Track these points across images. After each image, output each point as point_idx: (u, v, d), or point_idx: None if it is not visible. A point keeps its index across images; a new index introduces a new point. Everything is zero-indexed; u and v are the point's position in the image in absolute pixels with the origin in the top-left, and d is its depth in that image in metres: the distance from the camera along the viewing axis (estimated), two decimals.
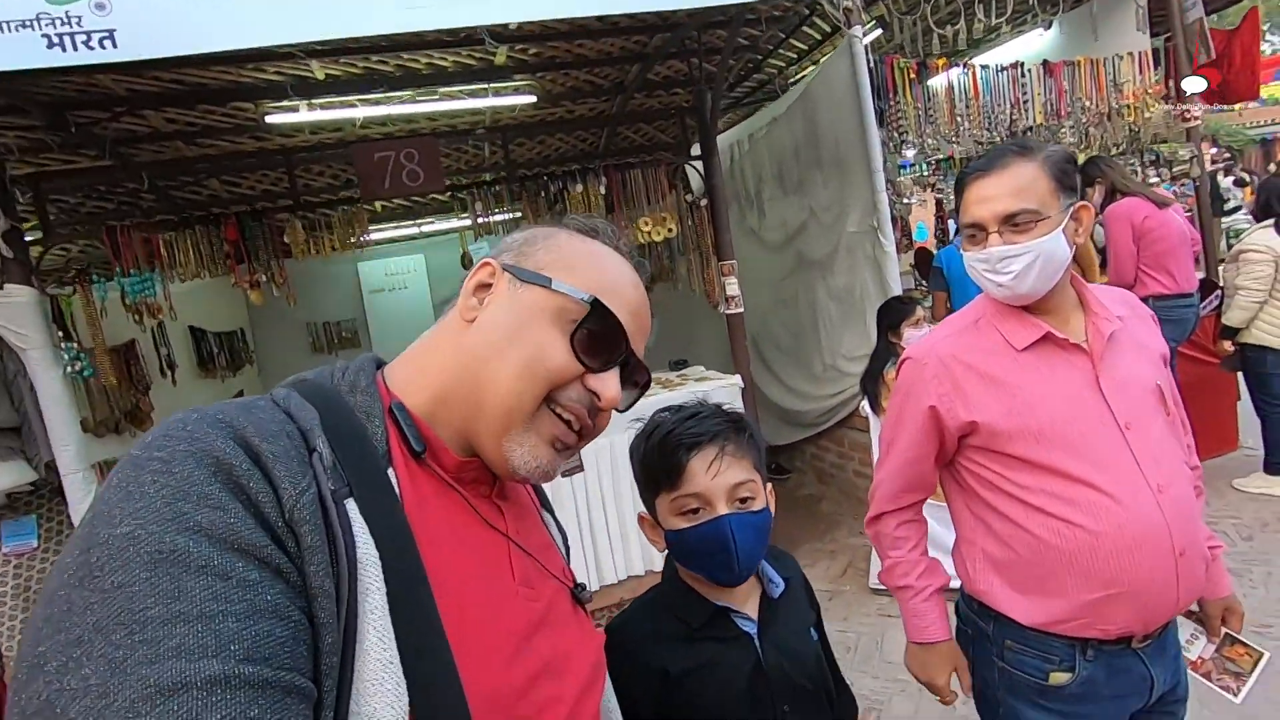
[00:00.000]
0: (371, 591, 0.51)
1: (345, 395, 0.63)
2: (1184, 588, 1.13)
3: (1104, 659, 1.16)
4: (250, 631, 0.44)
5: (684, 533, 0.98)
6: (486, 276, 0.67)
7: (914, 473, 1.30)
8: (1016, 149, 1.18)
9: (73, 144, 3.52)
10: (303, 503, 0.50)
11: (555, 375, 0.64)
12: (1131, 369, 1.20)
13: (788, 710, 1.00)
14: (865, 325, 3.68)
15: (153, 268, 3.41)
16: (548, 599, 0.68)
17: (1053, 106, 4.01)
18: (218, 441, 0.50)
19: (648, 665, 0.97)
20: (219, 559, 0.45)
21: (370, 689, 0.49)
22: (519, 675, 0.59)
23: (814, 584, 3.82)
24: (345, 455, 0.56)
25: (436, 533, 0.59)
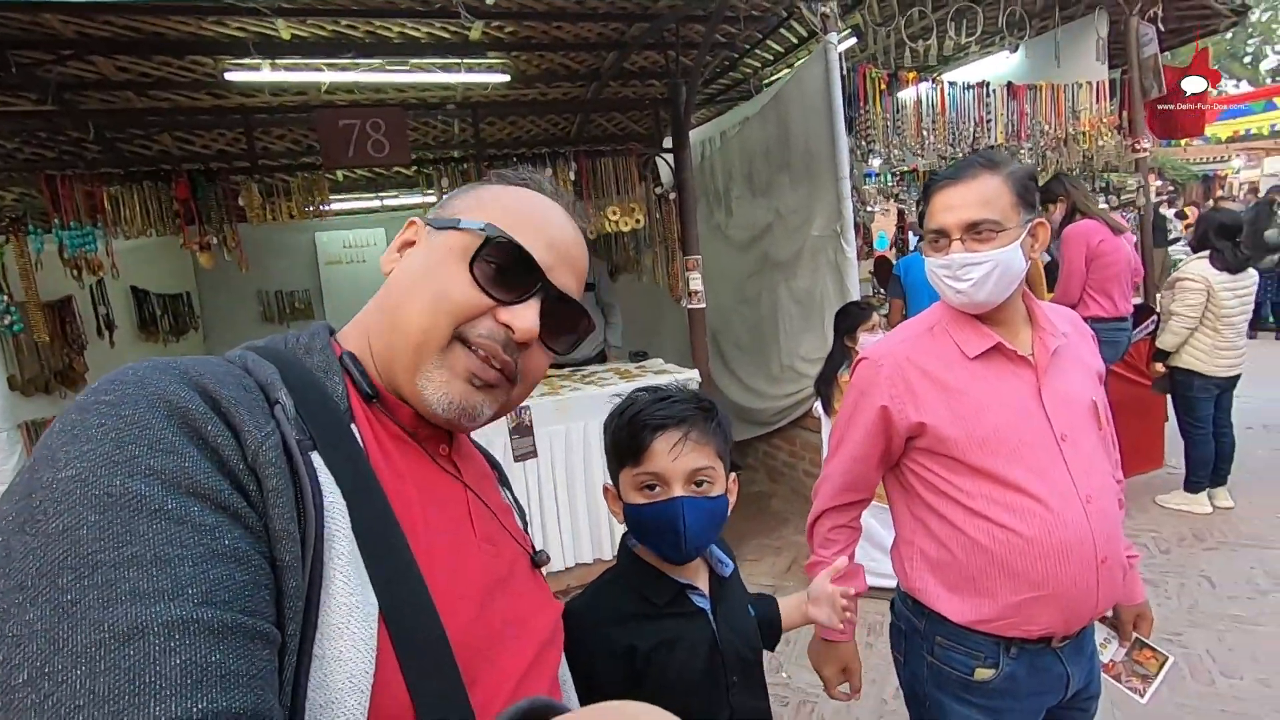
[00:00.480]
0: (338, 537, 0.51)
1: (301, 357, 0.63)
2: (1103, 594, 1.19)
3: (1026, 657, 1.22)
4: (208, 575, 0.43)
5: (640, 508, 1.03)
6: (411, 235, 0.70)
7: (858, 471, 1.35)
8: (984, 162, 1.23)
9: (12, 85, 3.32)
10: (266, 447, 0.50)
11: (459, 308, 0.63)
12: (1071, 384, 1.26)
13: (736, 681, 1.06)
14: (824, 328, 3.75)
15: (95, 222, 3.24)
16: (509, 559, 0.69)
17: (1014, 127, 4.14)
18: (171, 386, 0.48)
19: (615, 644, 1.01)
20: (173, 503, 0.44)
21: (335, 632, 0.49)
22: (483, 626, 0.60)
23: (759, 579, 3.87)
24: (307, 409, 0.56)
25: (401, 483, 0.59)
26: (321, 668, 0.48)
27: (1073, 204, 3.56)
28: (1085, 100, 4.28)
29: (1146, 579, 3.21)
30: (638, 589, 1.06)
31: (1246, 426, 4.83)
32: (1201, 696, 2.43)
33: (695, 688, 1.02)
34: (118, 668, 0.39)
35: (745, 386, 4.83)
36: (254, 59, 3.32)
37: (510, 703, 0.56)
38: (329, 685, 0.48)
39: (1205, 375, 3.65)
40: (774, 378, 4.50)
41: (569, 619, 1.05)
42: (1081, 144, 4.38)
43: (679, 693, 1.01)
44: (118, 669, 0.39)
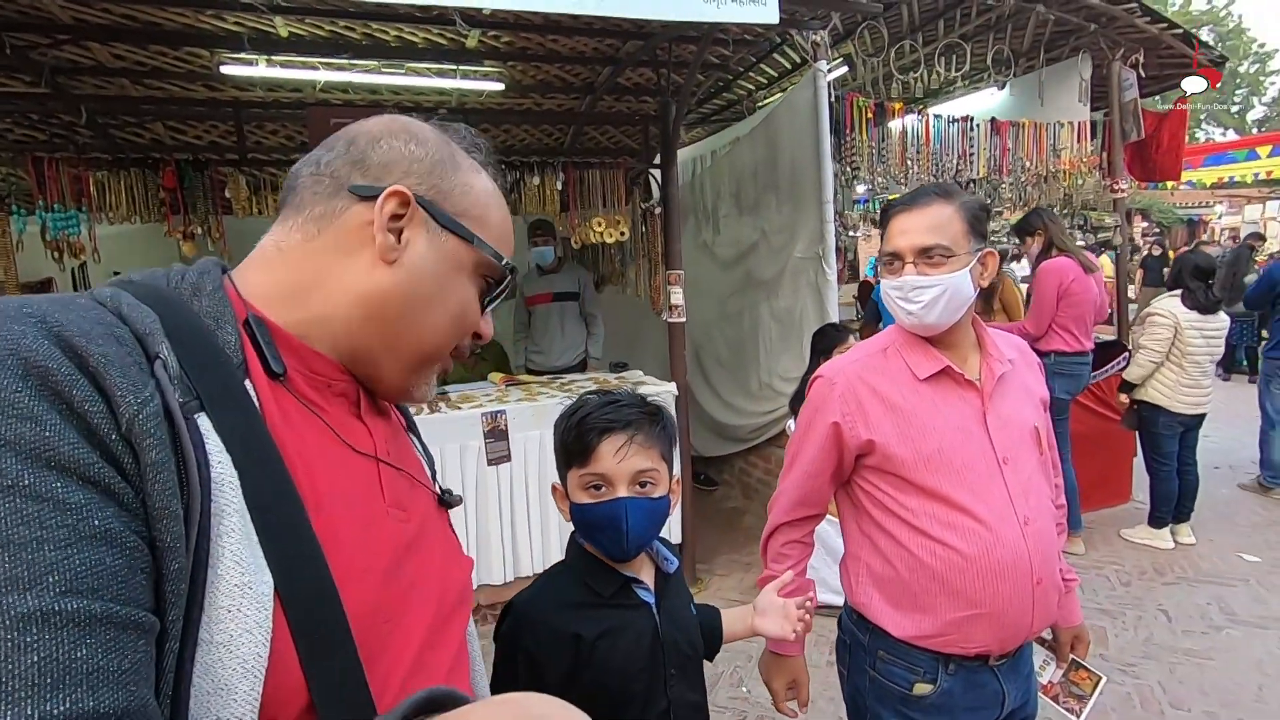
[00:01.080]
0: (227, 513, 0.47)
1: (188, 299, 0.56)
2: (1039, 614, 1.23)
3: (963, 674, 1.25)
4: (73, 561, 0.38)
5: (585, 507, 1.08)
6: (398, 207, 0.61)
7: (811, 487, 1.38)
8: (937, 191, 1.28)
9: (5, 66, 3.33)
10: (144, 414, 0.44)
11: (468, 331, 0.68)
12: (1015, 409, 1.30)
13: (674, 674, 1.10)
14: (802, 348, 3.80)
15: (80, 206, 3.25)
16: (419, 519, 0.66)
17: (996, 162, 4.23)
18: (26, 339, 0.41)
19: (561, 631, 1.05)
20: (30, 478, 0.39)
21: (224, 615, 0.45)
22: (388, 599, 0.57)
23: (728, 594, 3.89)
24: (193, 364, 0.49)
25: (302, 448, 0.55)
26: (209, 653, 0.44)
27: (1049, 238, 3.66)
28: (1066, 139, 4.39)
29: (1105, 609, 3.28)
30: (584, 580, 1.10)
31: (1214, 466, 4.93)
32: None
33: (636, 676, 1.07)
34: None
35: (724, 402, 4.86)
36: (250, 54, 3.34)
37: (412, 670, 0.57)
38: (217, 672, 0.44)
39: (1170, 411, 3.73)
40: (752, 394, 4.54)
41: (518, 607, 1.09)
42: (1062, 181, 4.48)
43: (620, 680, 1.05)
44: None
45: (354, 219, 0.61)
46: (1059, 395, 3.63)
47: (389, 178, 0.62)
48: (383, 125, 0.65)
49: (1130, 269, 6.93)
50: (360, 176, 0.62)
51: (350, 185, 0.61)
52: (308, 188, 0.63)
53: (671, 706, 1.09)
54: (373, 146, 0.63)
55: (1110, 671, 2.74)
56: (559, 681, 1.04)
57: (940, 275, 1.24)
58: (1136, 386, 3.84)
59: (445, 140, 0.67)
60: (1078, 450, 3.89)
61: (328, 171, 0.62)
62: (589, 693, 1.04)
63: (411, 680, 0.57)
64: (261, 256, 0.63)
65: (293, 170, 0.66)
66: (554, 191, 3.83)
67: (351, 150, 0.63)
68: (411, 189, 0.61)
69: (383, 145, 0.63)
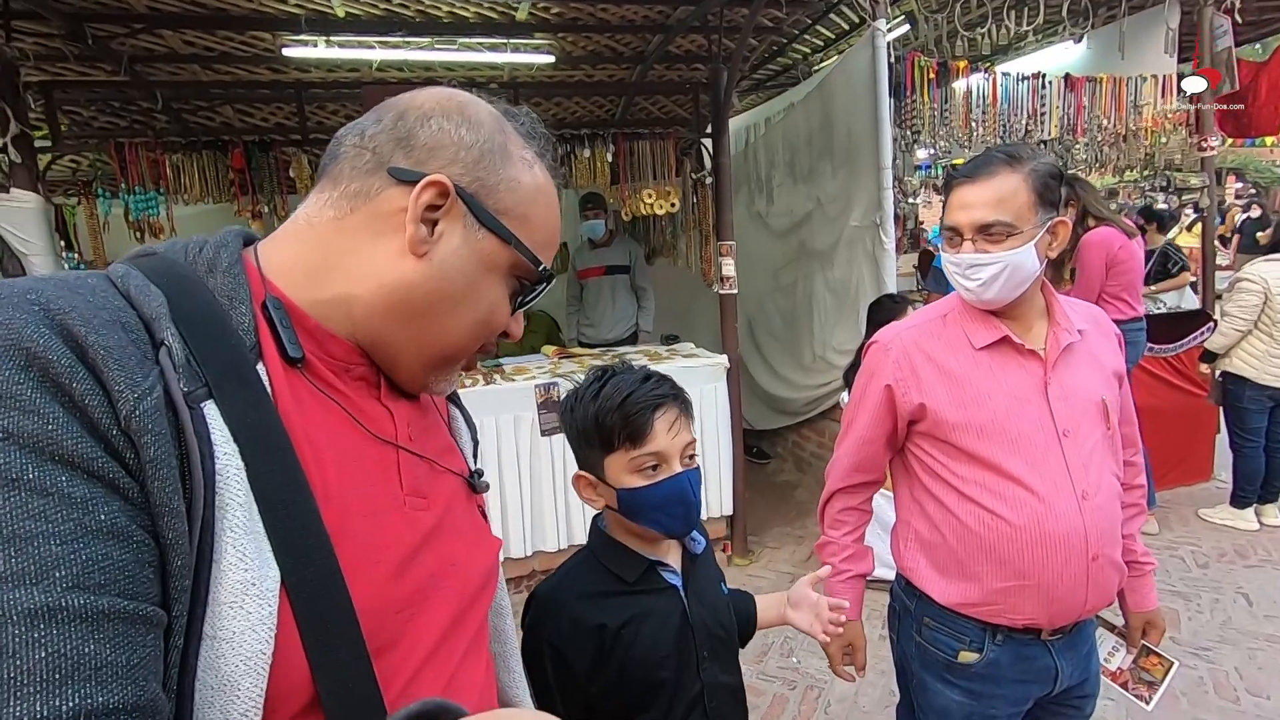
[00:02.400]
0: (231, 507, 0.45)
1: (203, 276, 0.54)
2: (1093, 591, 1.19)
3: (1012, 645, 1.23)
4: (80, 556, 0.38)
5: (641, 490, 1.01)
6: (436, 197, 0.57)
7: (866, 453, 1.36)
8: (1005, 157, 1.20)
9: (89, 56, 3.51)
10: (142, 409, 0.42)
11: (496, 331, 0.65)
12: (1081, 381, 1.25)
13: (706, 656, 1.08)
14: (857, 320, 3.71)
15: (158, 188, 3.43)
16: (442, 506, 0.63)
17: (1070, 122, 3.99)
18: (28, 329, 0.40)
19: (585, 622, 1.02)
20: (34, 471, 0.38)
21: (228, 611, 0.44)
22: (401, 591, 0.56)
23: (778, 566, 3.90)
24: (201, 349, 0.48)
25: (314, 436, 0.53)
26: (213, 649, 0.44)
27: (1083, 208, 3.47)
28: (1150, 94, 4.09)
29: (1179, 591, 3.13)
30: (608, 567, 1.07)
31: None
32: (1223, 712, 2.36)
33: (664, 661, 1.04)
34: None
35: (776, 375, 4.81)
36: (309, 35, 3.44)
37: (426, 660, 0.56)
38: (221, 667, 0.44)
39: (1257, 384, 3.50)
40: (805, 367, 4.47)
41: (540, 597, 1.07)
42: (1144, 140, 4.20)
43: (648, 666, 1.03)
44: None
45: (389, 203, 0.57)
46: None
47: (432, 163, 0.58)
48: (436, 101, 0.61)
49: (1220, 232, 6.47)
50: (403, 157, 0.58)
51: (390, 167, 0.57)
52: (348, 158, 0.59)
53: (705, 690, 1.07)
54: (422, 124, 0.59)
55: (1182, 655, 2.63)
56: (585, 672, 1.02)
57: (1000, 252, 1.17)
58: (1219, 357, 3.61)
59: (500, 126, 0.62)
60: (1153, 425, 3.70)
61: (370, 145, 0.59)
62: (617, 681, 1.02)
63: (424, 670, 0.56)
64: (293, 228, 0.60)
65: (337, 135, 0.61)
66: (604, 164, 3.82)
67: (399, 125, 0.59)
68: (453, 179, 0.58)
69: (432, 124, 0.59)
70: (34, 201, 2.98)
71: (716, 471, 3.54)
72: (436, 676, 0.58)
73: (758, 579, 3.51)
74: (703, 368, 3.52)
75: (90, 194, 3.55)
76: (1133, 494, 1.36)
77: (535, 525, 3.26)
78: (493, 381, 3.27)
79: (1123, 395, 1.32)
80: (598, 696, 1.03)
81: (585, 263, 4.62)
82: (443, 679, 0.59)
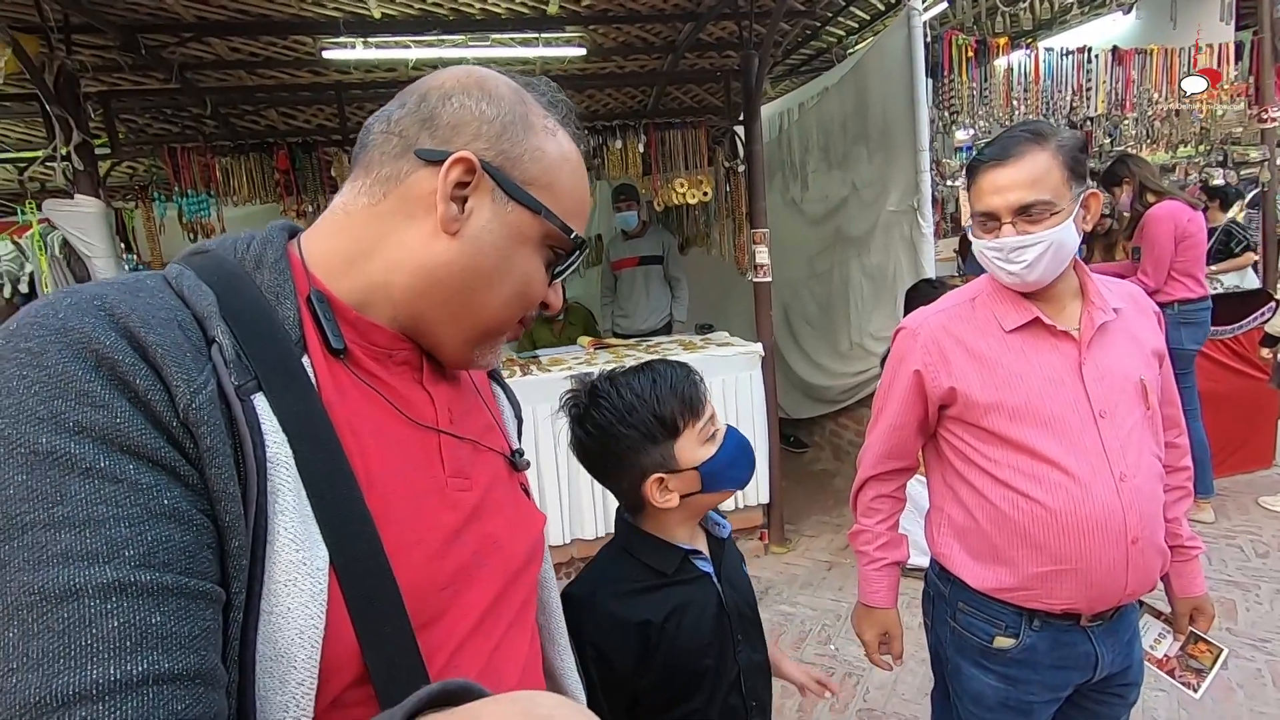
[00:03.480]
0: (282, 492, 0.48)
1: (250, 272, 0.57)
2: (1134, 575, 1.16)
3: (1050, 631, 1.21)
4: (146, 537, 0.42)
5: (718, 454, 1.05)
6: (463, 175, 0.58)
7: (897, 440, 1.35)
8: (1030, 135, 1.17)
9: (142, 65, 3.67)
10: (198, 402, 0.46)
11: (535, 302, 0.66)
12: (1117, 360, 1.22)
13: (740, 639, 1.09)
14: (895, 306, 3.66)
15: (209, 190, 3.58)
16: (483, 485, 0.65)
17: (1118, 97, 3.85)
18: (97, 332, 0.44)
19: (625, 620, 1.02)
20: (105, 461, 0.42)
21: (282, 589, 0.47)
22: (444, 570, 0.58)
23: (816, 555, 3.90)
24: (250, 344, 0.51)
25: (357, 424, 0.55)
26: (270, 623, 0.47)
27: (1140, 184, 3.34)
28: (1204, 65, 3.92)
29: (1236, 581, 3.02)
30: (644, 561, 1.07)
31: None
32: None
33: (706, 650, 1.05)
34: (50, 630, 0.38)
35: (813, 363, 4.77)
36: (348, 38, 3.52)
37: (469, 635, 0.59)
38: (278, 640, 0.47)
39: None
40: (842, 355, 4.43)
41: (575, 599, 1.03)
42: (1198, 113, 4.02)
43: (691, 655, 1.04)
44: (51, 631, 0.38)
45: (419, 184, 0.58)
46: (1187, 346, 3.33)
47: (457, 140, 0.59)
48: (456, 80, 0.62)
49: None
50: (429, 138, 0.59)
51: (417, 149, 0.59)
52: (378, 145, 0.61)
53: (742, 672, 1.08)
54: (444, 103, 0.60)
55: (1239, 647, 2.54)
56: (630, 669, 1.02)
57: (1043, 231, 1.15)
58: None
59: (520, 97, 0.63)
60: (1212, 409, 3.56)
61: (397, 130, 0.60)
62: (663, 676, 1.02)
63: (467, 644, 0.58)
64: (331, 219, 0.62)
65: (366, 124, 0.63)
66: (636, 155, 3.83)
67: (422, 107, 0.60)
68: (479, 154, 0.59)
69: (454, 102, 0.60)
70: (96, 206, 3.14)
71: None
72: (480, 649, 0.60)
73: (794, 567, 3.50)
74: (737, 356, 3.52)
75: (147, 198, 3.72)
76: (1177, 476, 1.33)
77: (573, 513, 3.32)
78: (530, 373, 3.33)
79: (1164, 375, 1.29)
80: (643, 691, 1.04)
81: (619, 254, 4.65)
82: (485, 652, 0.61)
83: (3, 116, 4.37)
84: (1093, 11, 4.64)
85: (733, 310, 5.30)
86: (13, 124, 4.57)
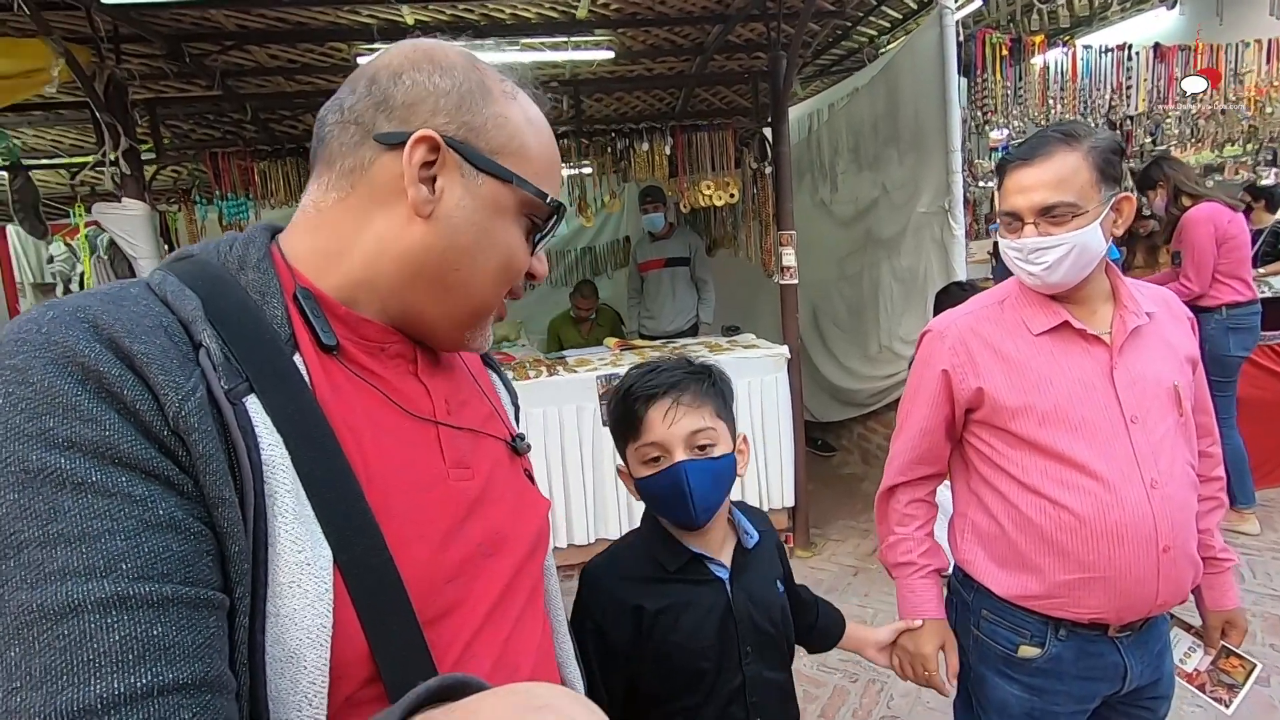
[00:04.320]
0: (280, 494, 0.48)
1: (235, 274, 0.56)
2: (1165, 585, 1.14)
3: (1077, 641, 1.19)
4: (143, 548, 0.42)
5: (645, 480, 1.04)
6: (428, 154, 0.57)
7: (928, 444, 1.33)
8: (1061, 136, 1.16)
9: (186, 73, 3.79)
10: (187, 409, 0.45)
11: (519, 275, 0.64)
12: (1150, 365, 1.20)
13: (749, 651, 1.08)
14: (926, 309, 3.61)
15: (248, 194, 3.69)
16: (484, 473, 0.64)
17: (1160, 94, 3.74)
18: (80, 344, 0.44)
19: (624, 602, 1.05)
20: (97, 475, 0.42)
21: (287, 590, 0.47)
22: (448, 562, 0.57)
23: (842, 560, 3.87)
24: (239, 346, 0.50)
25: (353, 420, 0.55)
26: (277, 625, 0.46)
27: (1175, 188, 3.24)
28: (1252, 61, 3.79)
29: (1276, 595, 2.91)
30: (650, 553, 1.09)
31: None
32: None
33: (704, 652, 1.05)
34: (52, 647, 0.38)
35: (842, 366, 4.73)
36: (382, 44, 3.60)
37: (481, 625, 0.59)
38: (286, 642, 0.46)
39: None
40: (871, 358, 4.38)
41: (588, 573, 1.10)
42: (1246, 111, 3.89)
43: (686, 653, 1.05)
44: (52, 648, 0.38)
45: (384, 171, 0.57)
46: (1235, 353, 3.22)
47: (415, 120, 0.57)
48: (404, 56, 0.60)
49: None
50: (385, 121, 0.57)
51: (375, 134, 0.57)
52: (335, 137, 0.59)
53: (746, 683, 1.07)
54: (395, 83, 0.58)
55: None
56: (624, 649, 1.04)
57: (1065, 233, 1.13)
58: None
59: (473, 64, 0.61)
60: (1255, 417, 3.44)
61: (352, 117, 0.58)
62: (655, 664, 1.04)
63: (479, 635, 0.58)
64: (303, 218, 0.61)
65: (319, 117, 0.61)
66: (662, 156, 3.84)
67: (374, 90, 0.58)
68: (440, 130, 0.57)
69: (405, 80, 0.58)
70: (142, 209, 3.26)
71: (778, 462, 3.53)
72: (492, 640, 0.60)
73: (819, 572, 3.47)
74: (763, 358, 3.51)
75: (189, 201, 3.85)
76: (1209, 486, 1.30)
77: (598, 512, 3.34)
78: (556, 373, 3.36)
79: (1197, 381, 1.26)
80: (640, 675, 1.06)
81: (645, 255, 4.66)
82: (497, 642, 0.60)
83: (57, 124, 4.56)
84: (1134, 7, 4.52)
85: (760, 312, 5.28)
86: (66, 131, 4.76)
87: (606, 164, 4.04)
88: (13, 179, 3.99)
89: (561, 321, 4.92)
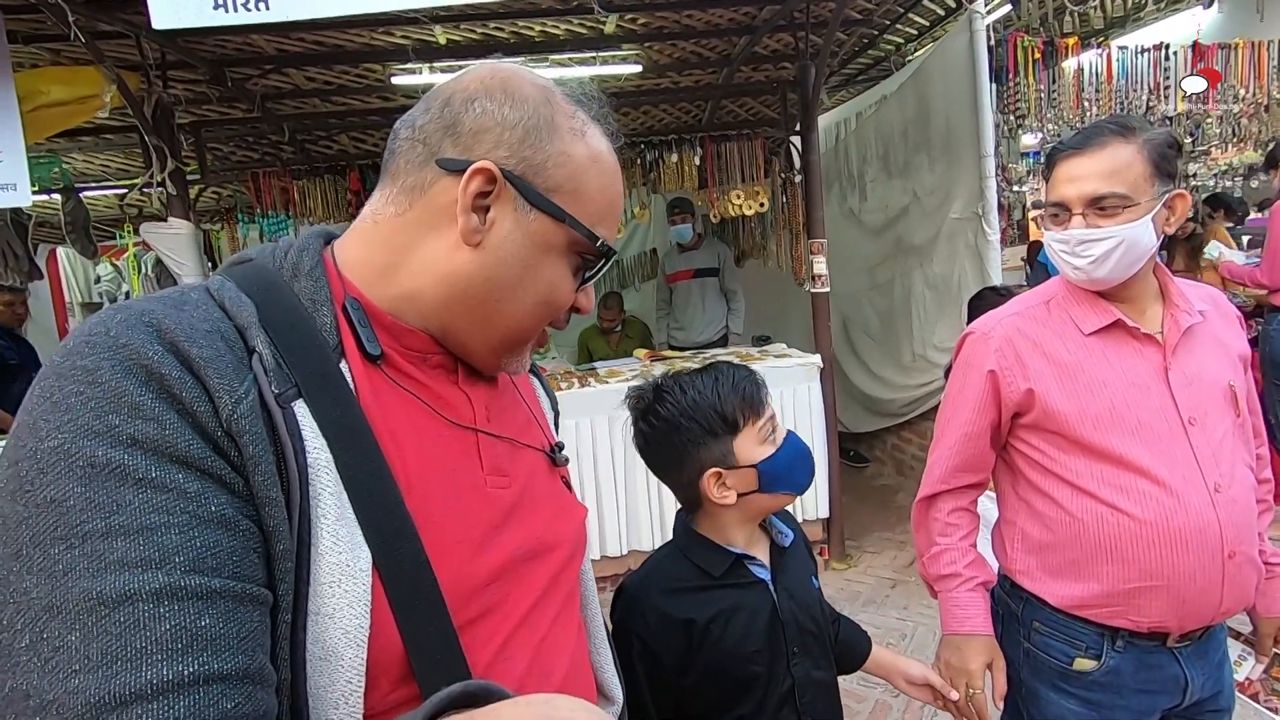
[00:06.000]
0: (324, 497, 0.50)
1: (289, 280, 0.58)
2: (1229, 592, 1.10)
3: (1135, 652, 1.15)
4: (195, 543, 0.44)
5: (777, 455, 1.05)
6: (484, 185, 0.58)
7: (972, 450, 1.28)
8: (1115, 128, 1.13)
9: (228, 97, 3.93)
10: (240, 411, 0.48)
11: (561, 309, 0.65)
12: (1205, 365, 1.17)
13: (796, 652, 1.07)
14: (959, 316, 3.56)
15: (287, 212, 3.79)
16: (522, 482, 0.66)
17: (1199, 94, 3.66)
18: (145, 347, 0.46)
19: (673, 617, 1.03)
20: (156, 471, 0.44)
21: (327, 590, 0.49)
22: (485, 567, 0.59)
23: (879, 572, 3.83)
24: (290, 352, 0.53)
25: (395, 428, 0.56)
26: (317, 623, 0.48)
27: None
28: None
29: None
30: (694, 561, 1.08)
31: None
32: None
33: (754, 657, 1.04)
34: (109, 633, 0.40)
35: (874, 376, 4.67)
36: (415, 64, 3.69)
37: (516, 630, 0.60)
38: (325, 640, 0.48)
39: None
40: (905, 367, 4.32)
41: (627, 591, 1.08)
42: None
43: (737, 660, 1.03)
44: (109, 635, 0.40)
45: (442, 194, 0.59)
46: None
47: (479, 148, 0.58)
48: (480, 82, 0.61)
49: None
50: (451, 145, 0.59)
51: (439, 158, 0.59)
52: (403, 153, 0.61)
53: (796, 685, 1.06)
54: (466, 108, 0.59)
55: None
56: (674, 667, 1.02)
57: (1114, 226, 1.10)
58: None
59: (546, 97, 0.61)
60: None
61: (421, 137, 0.60)
62: (706, 677, 1.02)
63: (513, 639, 0.59)
64: (361, 227, 0.63)
65: (393, 129, 0.63)
66: (691, 167, 3.86)
67: (445, 112, 0.60)
68: (500, 163, 0.58)
69: (476, 107, 0.59)
70: (187, 229, 3.37)
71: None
72: (526, 643, 0.61)
73: (855, 584, 3.42)
74: (795, 368, 3.48)
75: (231, 220, 3.98)
76: (1261, 489, 1.25)
77: (630, 524, 3.33)
78: (587, 384, 3.38)
79: (1247, 381, 1.22)
80: (687, 691, 1.04)
81: (674, 266, 4.67)
82: (532, 645, 0.61)
83: (105, 149, 4.74)
84: (1170, 7, 4.44)
85: (790, 322, 5.25)
86: (114, 155, 4.94)
87: (636, 176, 4.07)
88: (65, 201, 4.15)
89: (591, 333, 4.95)
